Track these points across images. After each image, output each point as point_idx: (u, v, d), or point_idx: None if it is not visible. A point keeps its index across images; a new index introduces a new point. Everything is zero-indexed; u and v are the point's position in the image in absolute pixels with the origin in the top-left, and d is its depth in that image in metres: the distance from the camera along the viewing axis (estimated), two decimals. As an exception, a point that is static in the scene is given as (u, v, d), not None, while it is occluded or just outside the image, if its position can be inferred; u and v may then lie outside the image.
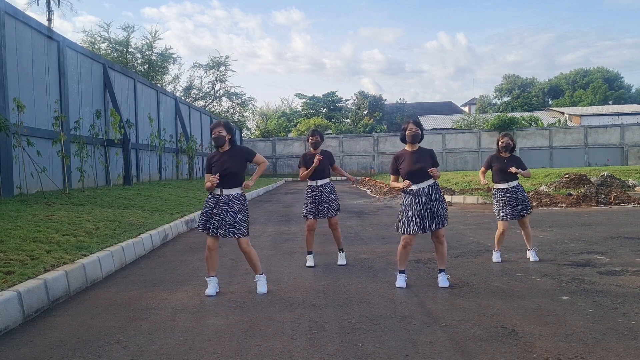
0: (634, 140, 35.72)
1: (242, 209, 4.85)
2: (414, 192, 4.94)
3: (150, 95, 19.20)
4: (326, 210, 6.03)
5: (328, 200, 6.04)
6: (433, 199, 4.94)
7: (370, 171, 36.61)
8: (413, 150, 5.06)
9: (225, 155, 4.85)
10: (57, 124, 11.28)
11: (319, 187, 6.06)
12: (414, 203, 4.91)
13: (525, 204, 6.16)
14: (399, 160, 5.08)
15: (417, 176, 4.93)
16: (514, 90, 65.24)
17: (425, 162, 4.95)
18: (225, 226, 4.76)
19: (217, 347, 3.46)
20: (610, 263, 5.82)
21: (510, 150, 6.27)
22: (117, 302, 4.64)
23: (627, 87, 64.68)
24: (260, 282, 4.94)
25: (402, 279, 5.02)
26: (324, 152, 6.19)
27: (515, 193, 6.13)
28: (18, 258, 5.01)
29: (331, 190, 6.13)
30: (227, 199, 4.79)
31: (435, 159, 5.08)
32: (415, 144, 5.05)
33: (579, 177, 15.15)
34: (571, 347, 3.31)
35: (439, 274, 5.05)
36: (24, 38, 10.69)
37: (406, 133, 5.05)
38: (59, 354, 3.40)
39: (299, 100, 56.30)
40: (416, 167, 4.92)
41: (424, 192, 4.93)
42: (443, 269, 5.05)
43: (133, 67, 34.74)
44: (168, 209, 10.54)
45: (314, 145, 6.13)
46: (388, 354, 3.26)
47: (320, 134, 6.21)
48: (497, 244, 6.24)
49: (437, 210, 4.93)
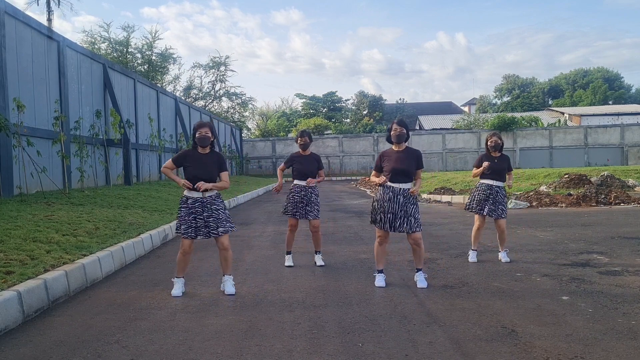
0: (634, 140, 35.71)
1: (224, 205, 4.96)
2: (394, 189, 4.95)
3: (150, 95, 19.20)
4: (314, 211, 6.03)
5: (316, 202, 6.06)
6: (411, 201, 4.95)
7: (370, 171, 36.59)
8: (399, 150, 5.07)
9: (205, 157, 4.82)
10: (57, 124, 11.27)
11: (310, 188, 6.06)
12: (391, 201, 4.93)
13: (504, 207, 6.17)
14: (384, 158, 5.11)
15: (400, 176, 4.95)
16: (514, 90, 65.24)
17: (410, 164, 4.96)
18: (222, 223, 4.79)
19: (217, 347, 3.46)
20: (610, 263, 5.82)
21: (500, 149, 6.29)
22: (117, 302, 4.64)
23: (627, 87, 64.68)
24: (229, 283, 4.89)
25: (381, 278, 5.07)
26: (313, 154, 6.18)
27: (497, 194, 6.16)
28: (18, 258, 5.00)
29: (317, 193, 6.16)
30: (212, 200, 4.81)
31: (420, 160, 5.07)
32: (400, 143, 5.07)
33: (579, 177, 15.15)
34: (571, 347, 3.31)
35: (417, 273, 5.06)
36: (24, 38, 10.69)
37: (391, 133, 5.08)
38: (58, 353, 3.40)
39: (299, 100, 56.39)
40: (400, 167, 4.94)
41: (404, 192, 4.95)
42: (420, 269, 5.06)
43: (133, 67, 34.75)
44: (168, 209, 10.54)
45: (303, 146, 6.12)
46: (388, 354, 3.26)
47: (309, 134, 6.20)
48: (474, 242, 6.25)
49: (414, 213, 4.93)
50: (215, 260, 6.54)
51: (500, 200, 6.15)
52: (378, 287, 4.96)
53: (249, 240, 7.85)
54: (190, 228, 4.75)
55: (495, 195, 6.15)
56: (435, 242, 7.64)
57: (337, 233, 8.76)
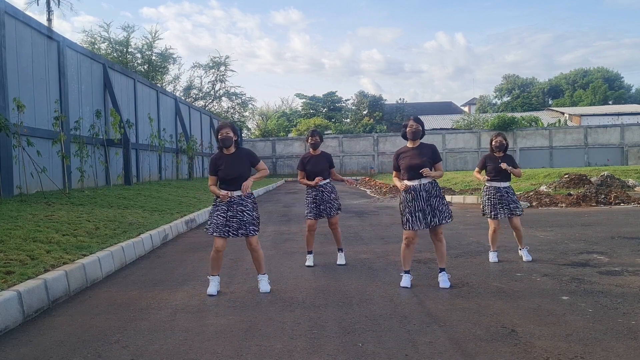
0: (634, 140, 35.70)
1: (255, 207, 4.91)
2: (415, 187, 4.95)
3: (150, 95, 19.20)
4: (328, 209, 6.06)
5: (329, 200, 6.07)
6: (433, 194, 4.95)
7: (370, 171, 36.61)
8: (414, 147, 5.09)
9: (232, 157, 4.83)
10: (57, 124, 11.27)
11: (320, 187, 6.08)
12: (416, 199, 4.93)
13: (517, 204, 6.21)
14: (400, 156, 5.11)
15: (417, 172, 4.94)
16: (514, 90, 65.24)
17: (426, 158, 4.96)
18: (245, 225, 4.78)
19: (217, 347, 3.46)
20: (610, 263, 5.82)
21: (504, 150, 6.30)
22: (117, 302, 4.64)
23: (627, 87, 64.68)
24: (263, 281, 4.95)
25: (407, 279, 5.02)
26: (323, 153, 6.21)
27: (507, 194, 6.19)
28: (18, 258, 5.00)
29: (331, 189, 6.16)
30: (240, 199, 4.80)
31: (436, 153, 5.09)
32: (416, 140, 5.08)
33: (579, 177, 15.15)
34: (571, 347, 3.31)
35: (440, 274, 5.04)
36: (24, 38, 10.69)
37: (407, 130, 5.08)
38: (58, 354, 3.40)
39: (299, 100, 56.33)
40: (415, 163, 4.94)
41: (425, 187, 4.95)
42: (444, 268, 5.06)
43: (133, 67, 34.74)
44: (168, 209, 10.54)
45: (314, 145, 6.14)
46: (388, 354, 3.26)
47: (319, 134, 6.22)
48: (492, 244, 6.25)
49: (438, 206, 4.94)
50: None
51: (511, 200, 6.17)
52: (403, 287, 4.93)
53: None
54: (221, 226, 4.77)
55: (506, 196, 6.18)
56: (435, 242, 7.63)
57: (337, 233, 8.76)
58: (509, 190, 6.24)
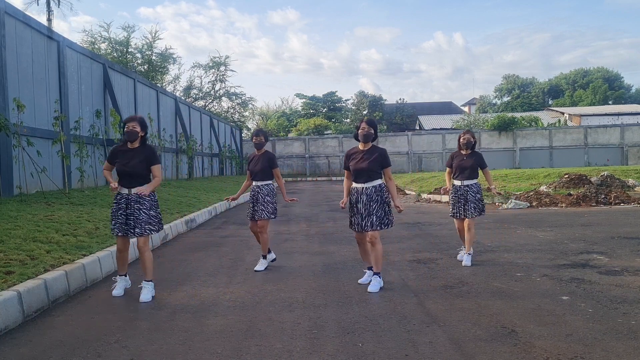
0: (634, 140, 35.70)
1: (153, 205, 4.84)
2: (357, 190, 4.99)
3: (150, 95, 19.19)
4: (259, 211, 5.96)
5: (263, 202, 5.96)
6: (374, 199, 4.92)
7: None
8: (364, 149, 5.07)
9: (132, 152, 4.79)
10: (57, 124, 11.26)
11: (257, 187, 6.03)
12: (359, 202, 4.97)
13: (475, 205, 6.07)
14: (351, 157, 5.12)
15: (362, 175, 4.96)
16: (513, 90, 65.22)
17: (373, 163, 4.93)
18: (141, 224, 4.72)
19: (217, 346, 3.46)
20: (610, 263, 5.82)
21: (472, 147, 6.27)
22: (117, 302, 4.64)
23: (627, 87, 64.66)
24: (146, 289, 4.71)
25: (367, 275, 5.13)
26: (267, 153, 6.15)
27: (466, 192, 6.10)
28: (18, 258, 5.00)
29: (268, 192, 6.01)
30: (137, 197, 4.75)
31: (386, 158, 5.01)
32: (367, 142, 5.07)
33: (579, 177, 15.14)
34: (571, 347, 3.31)
35: (372, 276, 4.97)
36: (24, 38, 10.69)
37: (359, 132, 5.09)
38: (58, 353, 3.40)
39: (298, 100, 56.32)
40: (361, 167, 4.95)
41: (366, 191, 4.95)
42: (377, 272, 4.96)
43: (133, 67, 34.74)
44: (168, 209, 10.54)
45: (258, 145, 6.11)
46: (388, 354, 3.26)
47: (265, 134, 6.22)
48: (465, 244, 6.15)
49: (376, 212, 4.90)
50: (215, 260, 6.55)
51: (470, 199, 6.06)
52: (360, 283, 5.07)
53: (248, 240, 7.85)
54: (121, 224, 4.73)
55: (466, 194, 6.09)
56: (435, 242, 7.64)
57: (337, 233, 8.77)
58: (471, 189, 6.10)
